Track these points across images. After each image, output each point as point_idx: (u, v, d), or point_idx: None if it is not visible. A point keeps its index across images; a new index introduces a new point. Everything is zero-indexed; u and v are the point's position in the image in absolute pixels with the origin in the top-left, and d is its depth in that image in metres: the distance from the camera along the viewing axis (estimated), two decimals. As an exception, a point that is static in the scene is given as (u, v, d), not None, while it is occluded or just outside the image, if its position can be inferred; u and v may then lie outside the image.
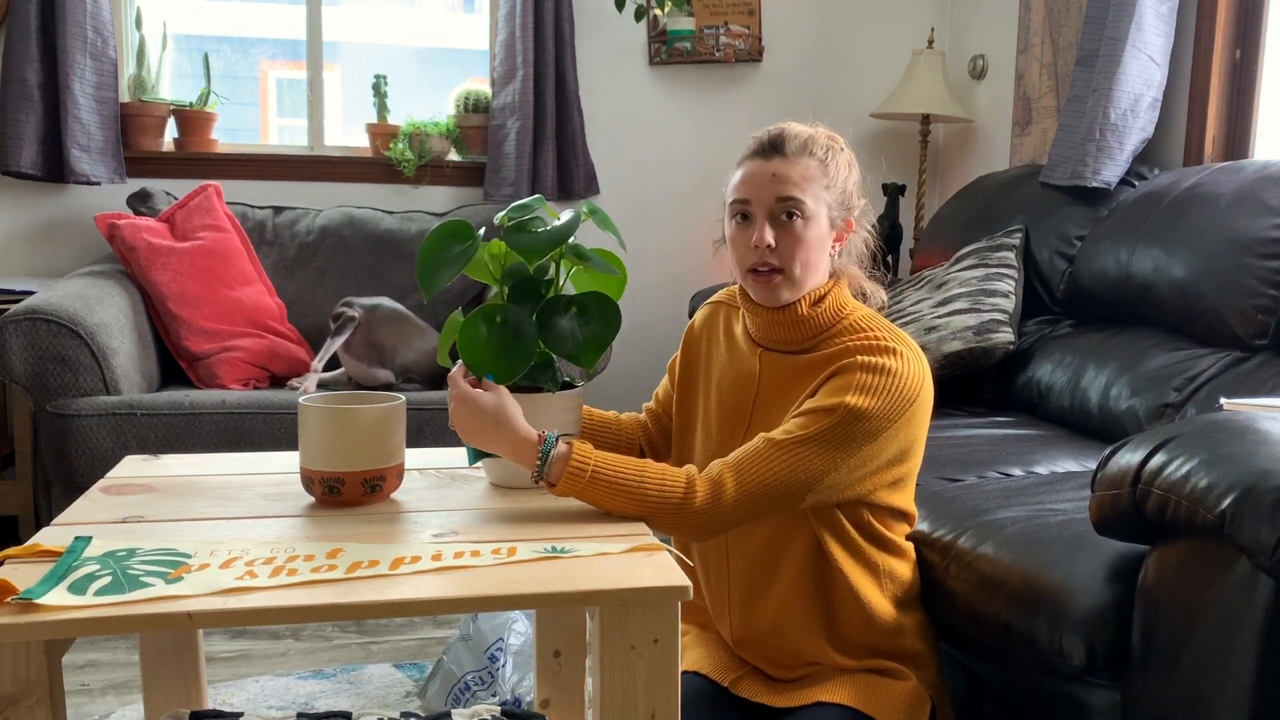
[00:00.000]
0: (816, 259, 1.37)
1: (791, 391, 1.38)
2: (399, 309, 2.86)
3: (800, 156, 1.36)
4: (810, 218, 1.35)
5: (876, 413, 1.28)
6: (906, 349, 1.34)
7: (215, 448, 2.45)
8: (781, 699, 1.41)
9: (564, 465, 1.23)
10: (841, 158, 1.40)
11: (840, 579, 1.37)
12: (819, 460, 1.27)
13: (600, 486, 1.24)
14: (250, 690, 2.02)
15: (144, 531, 1.15)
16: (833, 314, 1.38)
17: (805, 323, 1.38)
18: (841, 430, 1.27)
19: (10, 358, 2.37)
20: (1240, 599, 1.08)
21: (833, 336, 1.37)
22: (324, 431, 1.24)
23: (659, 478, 1.25)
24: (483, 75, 3.57)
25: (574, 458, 1.23)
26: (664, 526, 1.27)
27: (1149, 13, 2.58)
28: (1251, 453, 1.13)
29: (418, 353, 2.80)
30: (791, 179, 1.35)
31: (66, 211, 3.19)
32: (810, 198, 1.35)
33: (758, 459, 1.27)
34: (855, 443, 1.28)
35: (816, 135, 1.40)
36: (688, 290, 3.65)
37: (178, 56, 3.41)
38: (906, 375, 1.31)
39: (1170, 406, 2.04)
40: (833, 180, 1.38)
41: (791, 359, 1.40)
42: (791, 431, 1.28)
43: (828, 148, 1.39)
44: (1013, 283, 2.58)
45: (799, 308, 1.37)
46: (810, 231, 1.35)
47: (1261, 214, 2.06)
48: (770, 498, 1.27)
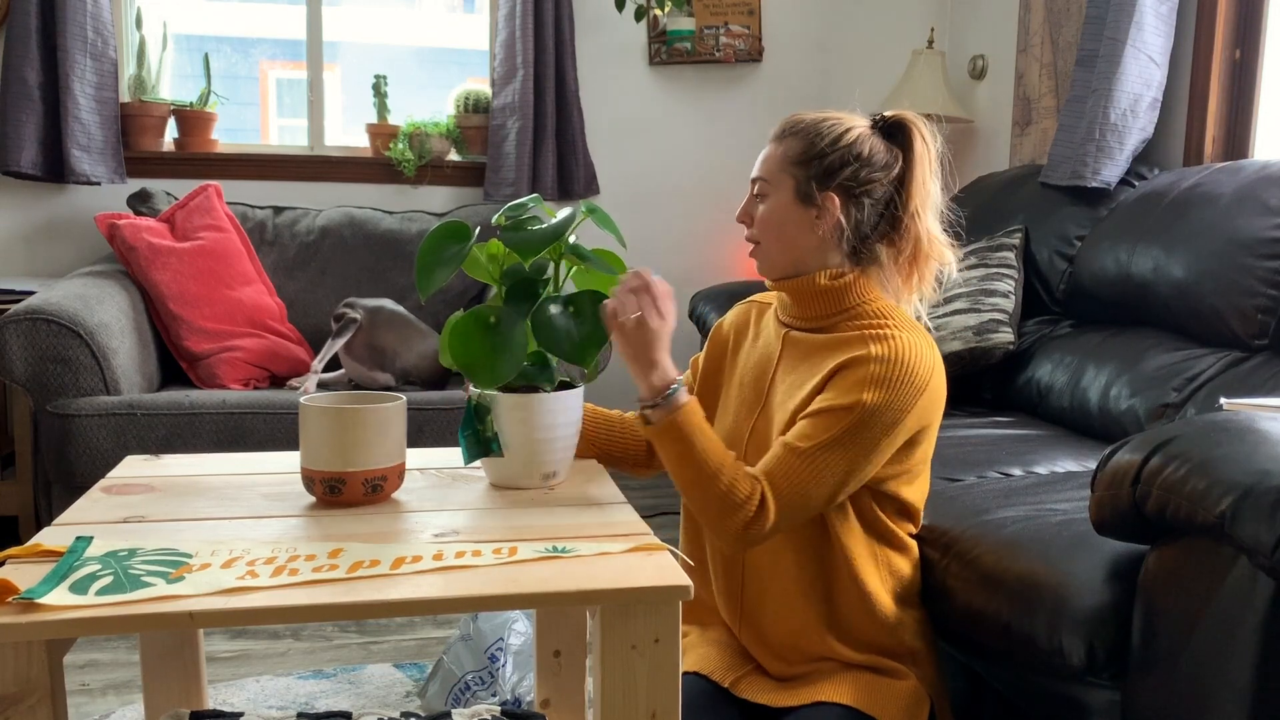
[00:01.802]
0: (784, 232, 1.40)
1: (803, 368, 1.40)
2: (401, 311, 2.86)
3: (785, 138, 1.42)
4: (770, 194, 1.41)
5: (891, 404, 1.30)
6: (918, 337, 1.35)
7: (215, 448, 2.45)
8: (782, 698, 1.41)
9: (676, 411, 1.30)
10: (833, 133, 1.39)
11: (844, 566, 1.39)
12: (844, 461, 1.30)
13: (683, 446, 1.30)
14: (250, 690, 2.02)
15: (145, 531, 1.16)
16: (856, 295, 1.40)
17: (824, 296, 1.40)
18: (861, 428, 1.30)
19: (10, 358, 2.37)
20: (1240, 599, 1.08)
21: (851, 319, 1.39)
22: (325, 431, 1.24)
23: (735, 472, 1.30)
24: (483, 75, 3.57)
25: (683, 410, 1.31)
26: (712, 519, 1.31)
27: (1149, 13, 2.58)
28: (1251, 453, 1.13)
29: (418, 356, 2.80)
30: (766, 160, 1.43)
31: (66, 211, 3.19)
32: (773, 175, 1.41)
33: (788, 470, 1.30)
34: (875, 437, 1.31)
35: (815, 116, 1.42)
36: (688, 290, 3.65)
37: (178, 56, 3.41)
38: (916, 362, 1.32)
39: (1170, 406, 2.04)
40: (808, 154, 1.38)
41: (810, 338, 1.42)
42: (812, 436, 1.30)
43: (817, 127, 1.40)
44: (1013, 283, 2.58)
45: (817, 279, 1.40)
46: (768, 206, 1.41)
47: (1261, 214, 2.07)
48: (806, 505, 1.31)
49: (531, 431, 1.32)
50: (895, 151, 1.40)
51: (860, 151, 1.38)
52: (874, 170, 1.38)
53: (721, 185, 3.70)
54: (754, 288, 3.14)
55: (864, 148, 1.38)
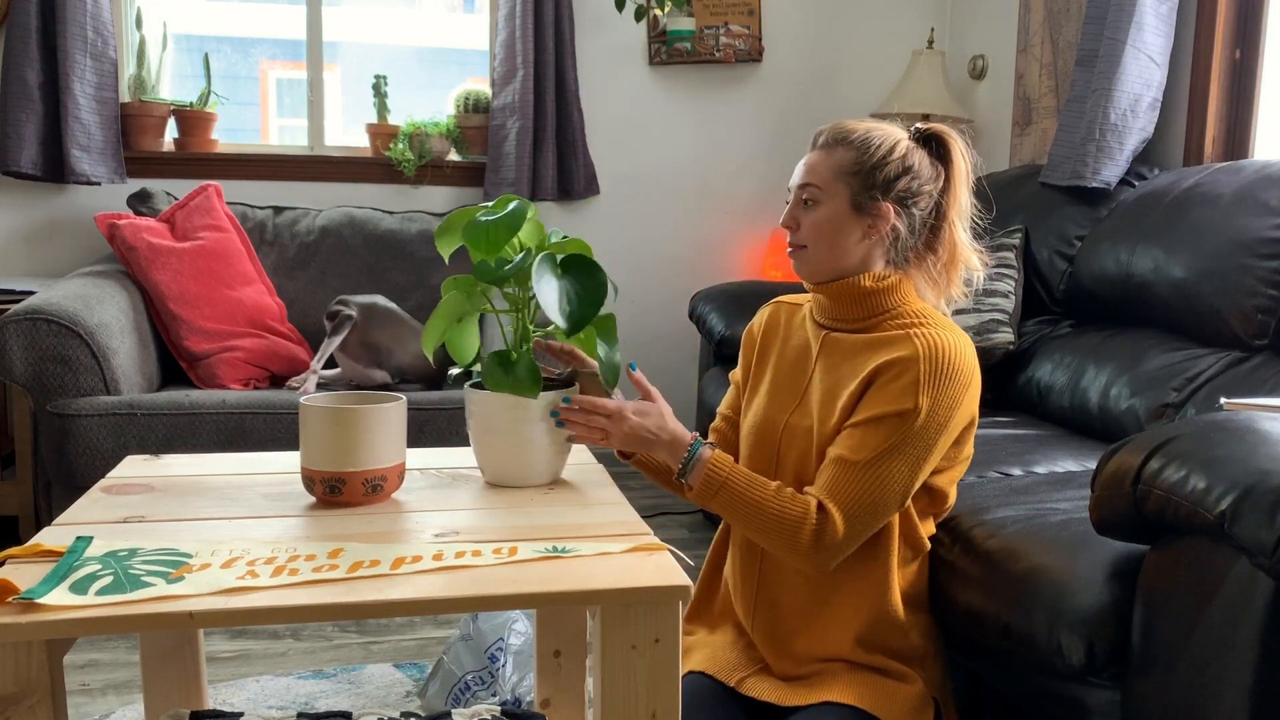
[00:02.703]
0: (836, 239, 1.42)
1: (845, 368, 1.41)
2: (393, 309, 2.86)
3: (834, 147, 1.43)
4: (824, 201, 1.42)
5: (942, 403, 1.33)
6: (957, 336, 1.39)
7: (215, 448, 2.45)
8: (788, 697, 1.41)
9: (703, 469, 1.35)
10: (885, 145, 1.42)
11: (862, 568, 1.40)
12: (905, 466, 1.33)
13: (729, 495, 1.34)
14: (250, 690, 2.02)
15: (145, 531, 1.16)
16: (896, 298, 1.43)
17: (868, 298, 1.43)
18: (920, 432, 1.32)
19: (10, 358, 2.37)
20: (1240, 599, 1.08)
21: (891, 319, 1.42)
22: (325, 431, 1.24)
23: (783, 499, 1.33)
24: (483, 75, 3.57)
25: (711, 463, 1.35)
26: (782, 549, 1.34)
27: (1149, 13, 2.58)
28: (1251, 453, 1.13)
29: (413, 355, 2.80)
30: (815, 168, 1.43)
31: (66, 211, 3.20)
32: (826, 183, 1.42)
33: (850, 485, 1.32)
34: (931, 437, 1.33)
35: (862, 127, 1.44)
36: (688, 290, 3.65)
37: (178, 56, 3.41)
38: (959, 359, 1.35)
39: (1170, 406, 2.04)
40: (864, 165, 1.41)
41: (851, 339, 1.44)
42: (870, 446, 1.32)
43: (868, 138, 1.42)
44: (1013, 283, 2.58)
45: (861, 281, 1.42)
46: (820, 213, 1.42)
47: (1261, 214, 2.07)
48: (876, 514, 1.33)
49: (528, 430, 1.33)
50: (938, 165, 1.45)
51: (911, 164, 1.42)
52: (924, 182, 1.43)
53: (722, 185, 3.70)
54: (753, 288, 3.15)
55: (914, 160, 1.43)
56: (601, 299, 1.30)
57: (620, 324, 3.61)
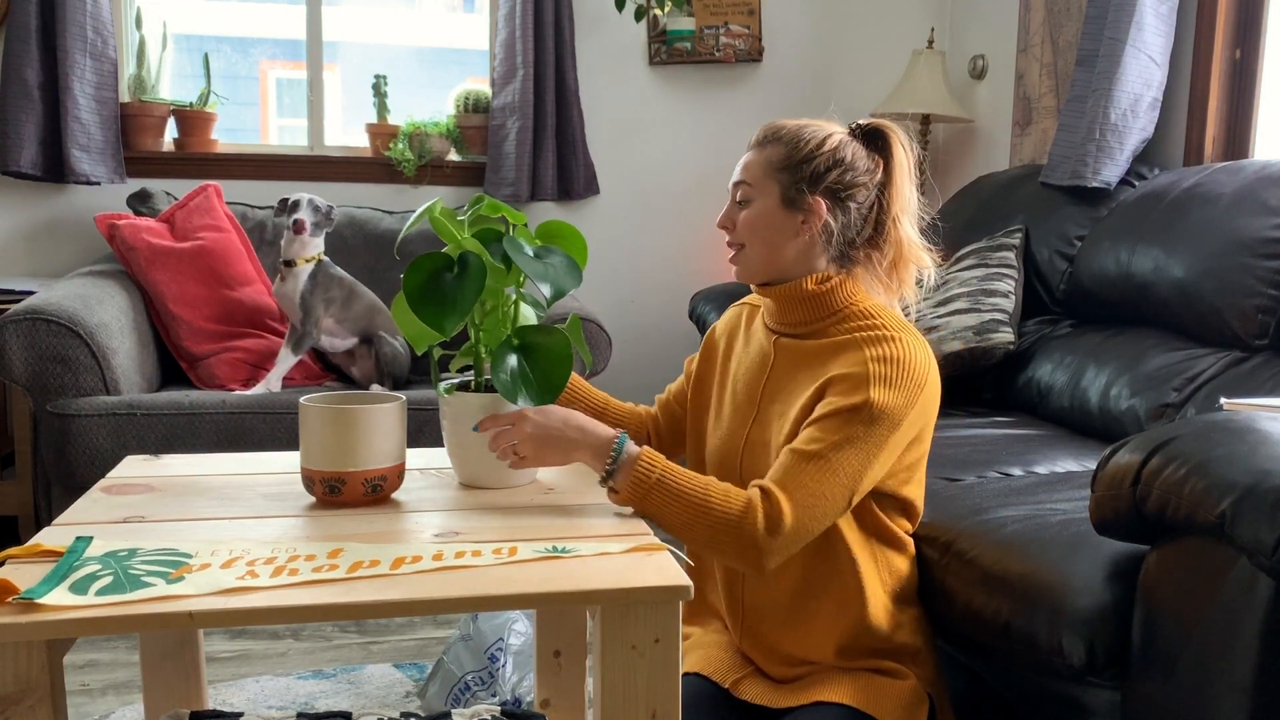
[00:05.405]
0: (770, 236, 1.41)
1: (800, 376, 1.40)
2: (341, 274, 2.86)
3: (766, 145, 1.42)
4: (756, 198, 1.41)
5: (897, 402, 1.30)
6: (911, 337, 1.36)
7: (215, 448, 2.45)
8: (782, 699, 1.41)
9: (631, 468, 1.27)
10: (815, 139, 1.40)
11: (844, 567, 1.39)
12: (855, 460, 1.29)
13: (663, 495, 1.26)
14: (250, 690, 2.02)
15: (145, 531, 1.16)
16: (843, 298, 1.40)
17: (812, 301, 1.40)
18: (870, 426, 1.29)
19: (10, 358, 2.37)
20: (1240, 599, 1.08)
21: (840, 322, 1.40)
22: (325, 431, 1.24)
23: (723, 493, 1.27)
24: (483, 75, 3.57)
25: (641, 461, 1.27)
26: (724, 549, 1.26)
27: (1149, 13, 2.58)
28: (1251, 453, 1.13)
29: (365, 308, 2.84)
30: (749, 166, 1.43)
31: (66, 211, 3.19)
32: (758, 180, 1.41)
33: (799, 475, 1.27)
34: (883, 434, 1.30)
35: (795, 124, 1.43)
36: (688, 290, 3.65)
37: (178, 56, 3.41)
38: (914, 360, 1.33)
39: (1170, 406, 2.04)
40: (793, 159, 1.39)
41: (801, 344, 1.42)
42: (820, 439, 1.29)
43: (799, 133, 1.41)
44: (1013, 283, 2.58)
45: (804, 284, 1.40)
46: (753, 210, 1.41)
47: (1261, 214, 2.07)
48: (824, 510, 1.29)
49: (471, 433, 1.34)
50: (876, 158, 1.42)
51: (843, 156, 1.40)
52: (858, 175, 1.40)
53: (722, 185, 3.68)
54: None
55: (846, 153, 1.40)
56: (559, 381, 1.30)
57: (620, 324, 3.62)
